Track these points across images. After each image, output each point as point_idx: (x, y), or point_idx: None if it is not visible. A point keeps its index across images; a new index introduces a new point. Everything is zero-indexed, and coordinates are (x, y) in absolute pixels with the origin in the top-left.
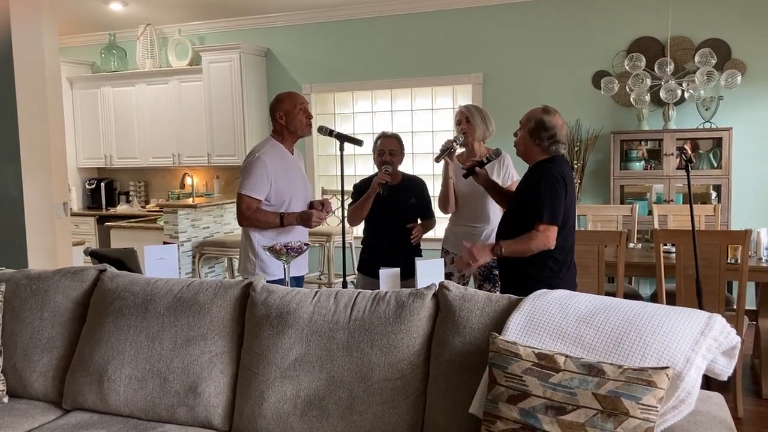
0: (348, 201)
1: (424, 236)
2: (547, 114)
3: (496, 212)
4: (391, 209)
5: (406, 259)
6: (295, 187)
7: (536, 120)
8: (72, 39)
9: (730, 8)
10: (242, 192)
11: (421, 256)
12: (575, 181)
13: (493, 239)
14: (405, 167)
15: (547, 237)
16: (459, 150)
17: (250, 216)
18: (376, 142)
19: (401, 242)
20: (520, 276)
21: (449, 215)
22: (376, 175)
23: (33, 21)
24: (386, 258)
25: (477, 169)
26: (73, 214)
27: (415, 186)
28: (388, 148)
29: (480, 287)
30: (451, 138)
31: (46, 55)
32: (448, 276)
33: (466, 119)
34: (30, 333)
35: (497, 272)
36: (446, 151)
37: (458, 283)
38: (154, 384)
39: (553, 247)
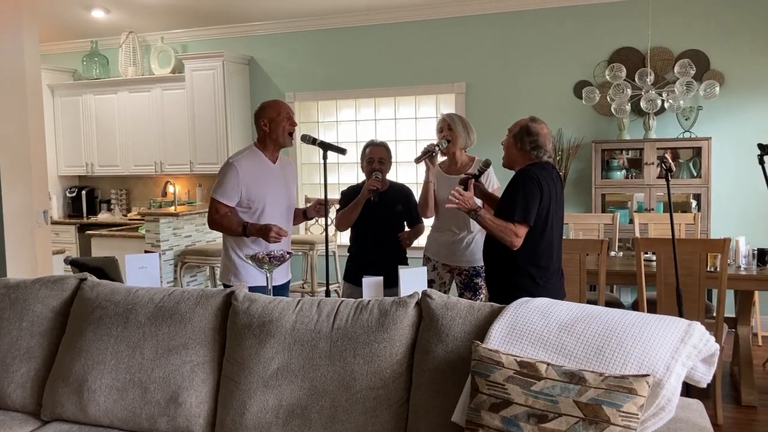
0: (335, 207)
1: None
2: (534, 122)
3: None
4: (378, 217)
5: (391, 267)
6: (271, 195)
7: (521, 125)
8: (53, 46)
9: (709, 20)
10: (214, 196)
11: (407, 263)
12: None
13: (474, 246)
14: (389, 175)
15: (516, 235)
16: (440, 158)
17: (217, 220)
18: (364, 151)
19: (388, 250)
20: (503, 283)
21: (431, 222)
22: (364, 182)
23: (13, 27)
24: (372, 266)
25: (471, 181)
26: (54, 223)
27: (401, 193)
28: (378, 156)
29: (461, 295)
30: (435, 142)
31: (26, 62)
32: (430, 283)
33: (448, 127)
34: (8, 343)
35: (478, 281)
36: (427, 154)
37: (439, 290)
38: (134, 394)
39: (516, 248)
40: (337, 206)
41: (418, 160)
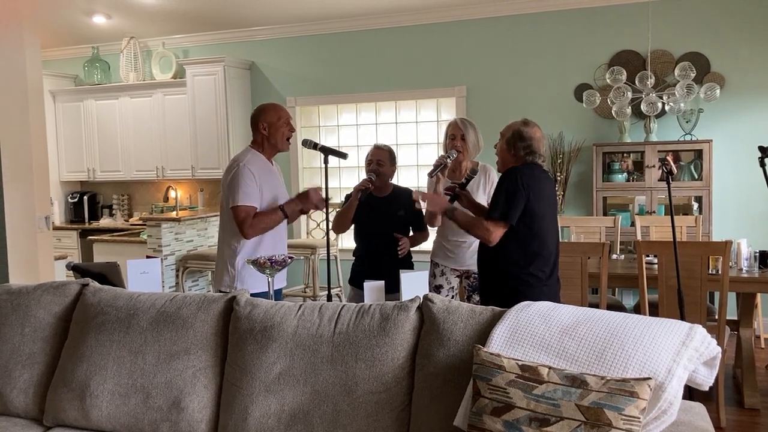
0: (334, 212)
1: (416, 249)
2: (526, 126)
3: None
4: (380, 221)
5: (394, 272)
6: (279, 195)
7: (514, 130)
8: (55, 52)
9: (709, 23)
10: (238, 203)
11: (413, 268)
12: (558, 192)
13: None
14: (393, 180)
15: (491, 231)
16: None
17: (254, 223)
18: (368, 154)
19: (390, 254)
20: (497, 289)
21: (435, 228)
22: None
23: (14, 34)
24: (377, 270)
25: (457, 190)
26: (56, 228)
27: (403, 198)
28: (377, 158)
29: (468, 299)
30: (445, 154)
31: (28, 68)
32: (438, 288)
33: (461, 137)
34: (10, 349)
35: None
36: (439, 167)
37: (447, 295)
38: (137, 399)
39: (492, 244)
40: (335, 211)
41: (431, 175)
